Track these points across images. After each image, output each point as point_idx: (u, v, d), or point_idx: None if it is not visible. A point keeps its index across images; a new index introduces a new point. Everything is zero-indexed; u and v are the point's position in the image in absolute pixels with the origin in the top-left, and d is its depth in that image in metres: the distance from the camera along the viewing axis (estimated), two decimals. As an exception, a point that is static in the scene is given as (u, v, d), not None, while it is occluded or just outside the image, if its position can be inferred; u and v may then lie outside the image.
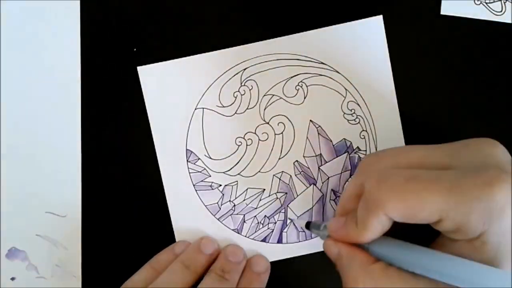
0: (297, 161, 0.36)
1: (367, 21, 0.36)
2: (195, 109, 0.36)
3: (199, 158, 0.36)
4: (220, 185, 0.36)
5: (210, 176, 0.36)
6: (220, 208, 0.36)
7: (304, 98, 0.36)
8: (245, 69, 0.36)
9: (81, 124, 0.36)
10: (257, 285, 0.35)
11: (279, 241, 0.37)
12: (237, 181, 0.36)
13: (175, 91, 0.36)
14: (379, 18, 0.36)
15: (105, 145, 0.36)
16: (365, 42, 0.36)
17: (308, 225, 0.34)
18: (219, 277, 0.34)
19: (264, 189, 0.36)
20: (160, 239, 0.36)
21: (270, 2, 0.36)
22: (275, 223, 0.37)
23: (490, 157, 0.26)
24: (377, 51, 0.36)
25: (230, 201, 0.36)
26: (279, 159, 0.36)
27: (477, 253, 0.25)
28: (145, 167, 0.36)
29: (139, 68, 0.36)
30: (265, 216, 0.36)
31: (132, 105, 0.36)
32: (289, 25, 0.36)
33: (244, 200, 0.36)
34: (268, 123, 0.36)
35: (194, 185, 0.36)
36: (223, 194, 0.36)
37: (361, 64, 0.36)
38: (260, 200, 0.36)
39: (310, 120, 0.36)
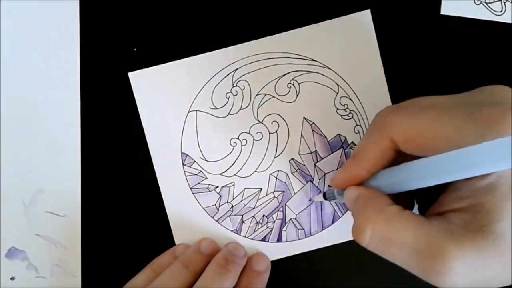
0: (292, 159, 0.36)
1: (355, 15, 0.36)
2: (188, 112, 0.37)
3: (194, 161, 0.37)
4: (217, 187, 0.36)
5: (207, 178, 0.36)
6: (218, 210, 0.36)
7: (297, 95, 0.36)
8: (236, 69, 0.37)
9: (81, 125, 0.37)
10: (258, 284, 0.35)
11: (279, 239, 0.36)
12: (233, 182, 0.36)
13: (167, 95, 0.37)
14: (367, 12, 0.36)
15: (105, 145, 0.37)
16: (354, 36, 0.36)
17: (324, 196, 0.34)
18: (221, 267, 0.34)
19: (261, 189, 0.36)
20: (160, 238, 0.37)
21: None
22: (274, 222, 0.36)
23: (504, 98, 0.26)
24: (366, 45, 0.36)
25: (227, 202, 0.36)
26: (274, 158, 0.36)
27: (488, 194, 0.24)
28: (144, 168, 0.37)
29: (130, 74, 0.37)
30: (263, 215, 0.36)
31: (134, 106, 0.37)
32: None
33: (242, 200, 0.36)
34: (262, 122, 0.37)
35: (191, 188, 0.36)
36: (220, 196, 0.36)
37: (351, 59, 0.36)
38: (258, 199, 0.36)
39: (304, 118, 0.36)
